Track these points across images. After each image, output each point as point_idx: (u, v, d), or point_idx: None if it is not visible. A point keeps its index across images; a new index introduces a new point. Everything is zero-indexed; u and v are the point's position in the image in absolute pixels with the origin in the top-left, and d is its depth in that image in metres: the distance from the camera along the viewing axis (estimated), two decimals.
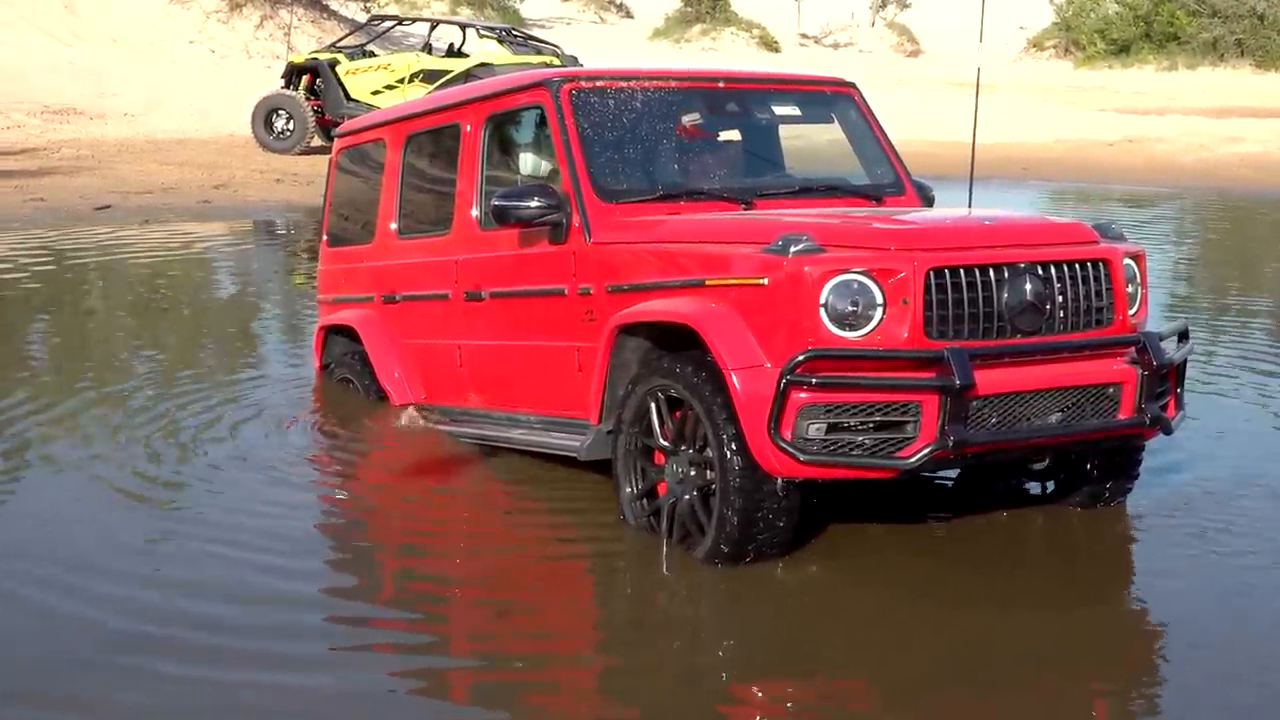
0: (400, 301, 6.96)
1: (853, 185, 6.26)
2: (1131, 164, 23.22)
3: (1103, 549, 5.50)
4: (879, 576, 5.13)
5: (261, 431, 7.03)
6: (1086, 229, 5.25)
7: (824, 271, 4.69)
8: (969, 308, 4.79)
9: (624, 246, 5.51)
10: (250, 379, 8.29)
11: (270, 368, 8.70)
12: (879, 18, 65.73)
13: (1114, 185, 20.93)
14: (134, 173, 17.83)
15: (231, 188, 17.32)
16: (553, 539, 5.55)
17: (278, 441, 6.86)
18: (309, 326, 9.23)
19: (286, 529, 5.64)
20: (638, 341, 5.41)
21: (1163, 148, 24.92)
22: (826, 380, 4.65)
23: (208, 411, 7.38)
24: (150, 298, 11.24)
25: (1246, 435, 7.01)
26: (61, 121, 21.51)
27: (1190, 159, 23.66)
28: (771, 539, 4.96)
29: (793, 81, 6.62)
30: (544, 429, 6.03)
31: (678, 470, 5.16)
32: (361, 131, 7.61)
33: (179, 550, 5.38)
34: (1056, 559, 5.41)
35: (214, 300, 11.58)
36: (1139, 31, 51.58)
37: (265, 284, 12.37)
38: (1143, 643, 4.71)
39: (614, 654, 4.62)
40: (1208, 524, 5.63)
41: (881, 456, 4.72)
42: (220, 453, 6.63)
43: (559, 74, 6.04)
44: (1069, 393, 4.96)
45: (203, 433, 6.96)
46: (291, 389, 7.96)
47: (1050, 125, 26.33)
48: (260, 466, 6.44)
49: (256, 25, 32.74)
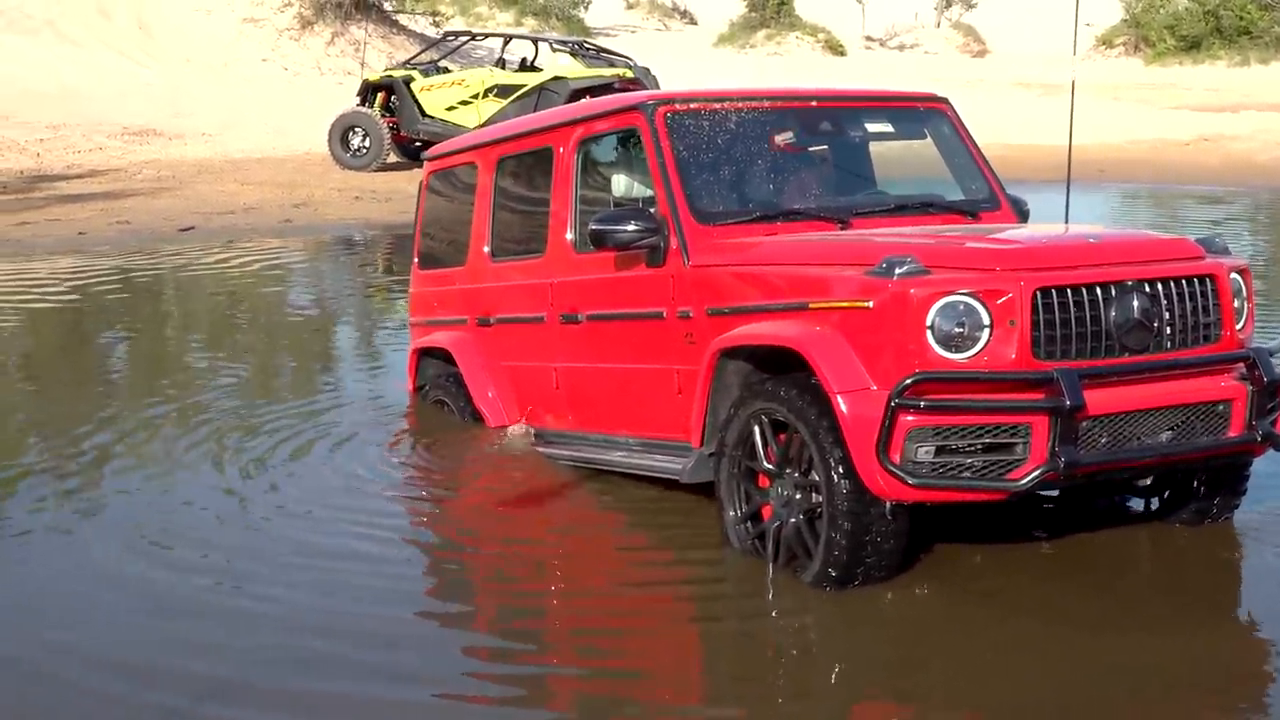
0: (494, 324, 6.99)
1: (948, 201, 6.22)
2: (1208, 164, 22.95)
3: (1213, 567, 5.42)
4: (988, 599, 5.07)
5: (362, 454, 7.07)
6: (1192, 244, 5.18)
7: (930, 293, 4.67)
8: (1076, 327, 4.75)
9: (723, 269, 5.50)
10: (338, 402, 8.35)
11: (371, 387, 8.74)
12: (944, 18, 65.45)
13: (1191, 186, 20.69)
14: (214, 193, 18.04)
15: (311, 206, 17.47)
16: (658, 562, 5.56)
17: (378, 465, 6.91)
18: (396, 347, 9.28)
19: (386, 555, 5.66)
20: (739, 364, 5.41)
21: (1239, 146, 24.64)
22: (935, 403, 4.63)
23: (312, 432, 7.49)
24: (236, 317, 11.37)
25: None
26: (141, 142, 21.79)
27: (1268, 157, 23.35)
28: (880, 562, 4.94)
29: (886, 98, 6.59)
30: (644, 451, 6.03)
31: (783, 493, 5.15)
32: (452, 154, 7.65)
33: (269, 583, 5.37)
34: (1166, 578, 5.35)
35: (304, 321, 11.65)
36: (1209, 26, 50.98)
37: (346, 304, 12.44)
38: (1262, 663, 4.64)
39: (722, 680, 4.60)
40: None
41: (991, 479, 4.69)
42: (317, 476, 6.70)
43: (653, 97, 6.04)
44: (1179, 411, 4.92)
45: (300, 454, 7.03)
46: (380, 411, 8.01)
47: (1123, 125, 26.09)
48: (360, 490, 6.49)
49: (328, 42, 33.09)
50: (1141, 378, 4.86)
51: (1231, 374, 5.03)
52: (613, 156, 6.44)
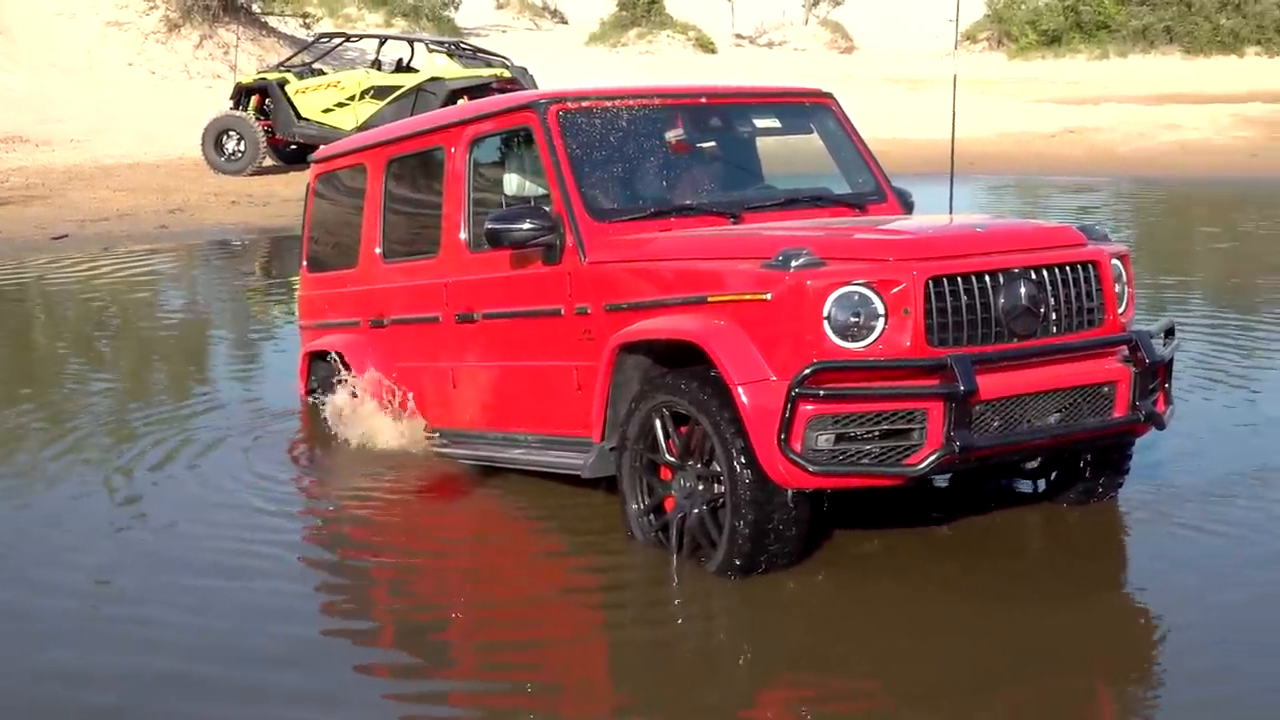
0: (388, 325, 6.97)
1: (835, 195, 6.33)
2: (1073, 155, 23.47)
3: (1100, 543, 5.59)
4: (886, 579, 5.19)
5: (246, 460, 6.99)
6: (1075, 232, 5.34)
7: (826, 285, 4.75)
8: (968, 314, 4.87)
9: (620, 265, 5.55)
10: (217, 407, 8.22)
11: (254, 392, 8.65)
12: (812, 16, 66.05)
13: (1058, 177, 21.13)
14: (87, 200, 17.68)
15: (187, 211, 17.21)
16: (560, 558, 5.60)
17: (263, 471, 6.80)
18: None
19: (277, 569, 5.55)
20: (638, 359, 5.46)
21: (1102, 137, 25.21)
22: (833, 392, 4.72)
23: (190, 438, 7.38)
24: (111, 325, 11.17)
25: (1229, 426, 7.12)
26: (7, 149, 21.27)
27: (1130, 148, 23.94)
28: (783, 549, 5.02)
29: (773, 95, 6.69)
30: (544, 448, 6.05)
31: (685, 485, 5.21)
32: (340, 157, 7.61)
33: (151, 592, 5.26)
34: (1055, 554, 5.51)
35: (182, 327, 11.48)
36: (1069, 21, 52.13)
37: (226, 309, 12.28)
38: (1148, 631, 4.82)
39: (630, 674, 4.63)
40: (1197, 515, 5.74)
41: (889, 464, 4.79)
42: (196, 485, 6.60)
43: (545, 95, 6.07)
44: (1067, 393, 5.06)
45: (176, 462, 6.93)
46: (265, 416, 7.92)
47: (990, 119, 26.52)
48: (245, 499, 6.39)
49: (196, 45, 32.51)
50: (1030, 362, 4.99)
51: (1115, 357, 5.19)
52: (505, 155, 6.46)
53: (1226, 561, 5.27)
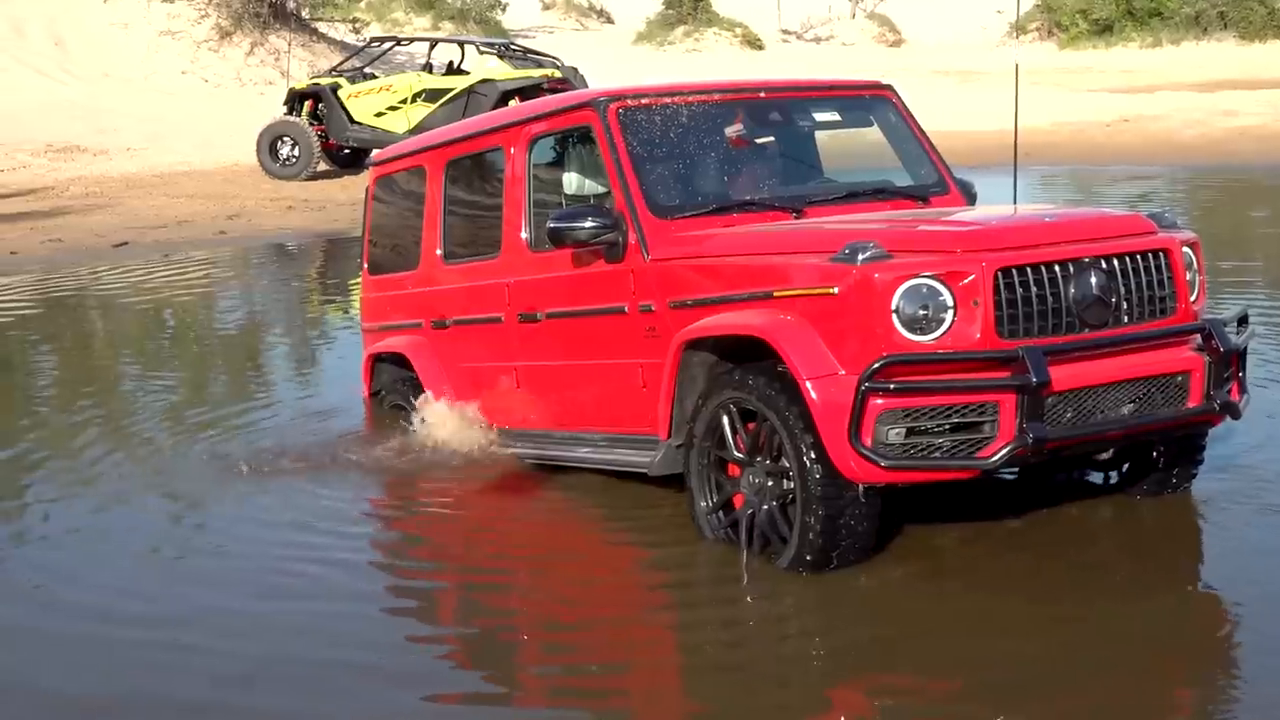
0: (451, 326, 6.97)
1: (898, 187, 6.29)
2: (1130, 144, 23.24)
3: (1174, 535, 5.52)
4: (959, 575, 5.16)
5: (306, 462, 7.01)
6: (1145, 220, 5.27)
7: (894, 277, 4.72)
8: (1038, 305, 4.82)
9: (683, 262, 5.53)
10: (292, 411, 8.29)
11: (323, 396, 8.68)
12: (859, 9, 65.75)
13: (1115, 166, 20.94)
14: (146, 207, 17.85)
15: (245, 217, 17.34)
16: (631, 555, 5.59)
17: (326, 473, 6.83)
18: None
19: (352, 564, 5.60)
20: (703, 355, 5.44)
21: (1159, 126, 24.95)
22: (903, 385, 4.69)
23: (261, 436, 7.46)
24: (180, 331, 11.26)
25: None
26: (66, 160, 21.49)
27: (1188, 135, 23.68)
28: (854, 544, 5.00)
29: (833, 87, 6.64)
30: (610, 446, 6.04)
31: (754, 481, 5.19)
32: (398, 159, 7.61)
33: (226, 606, 5.20)
34: (1130, 548, 5.43)
35: (246, 332, 11.57)
36: (1121, 9, 51.62)
37: (287, 313, 12.35)
38: (1225, 626, 4.75)
39: (703, 670, 4.60)
40: (1274, 504, 5.67)
41: (961, 458, 4.75)
42: (260, 491, 6.61)
43: (605, 93, 6.06)
44: (1139, 384, 5.00)
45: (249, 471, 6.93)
46: (331, 420, 7.95)
47: (1043, 109, 26.26)
48: (307, 502, 6.42)
49: (247, 53, 32.75)
50: (1102, 353, 4.93)
51: (1188, 346, 5.12)
52: (564, 155, 6.45)
53: None
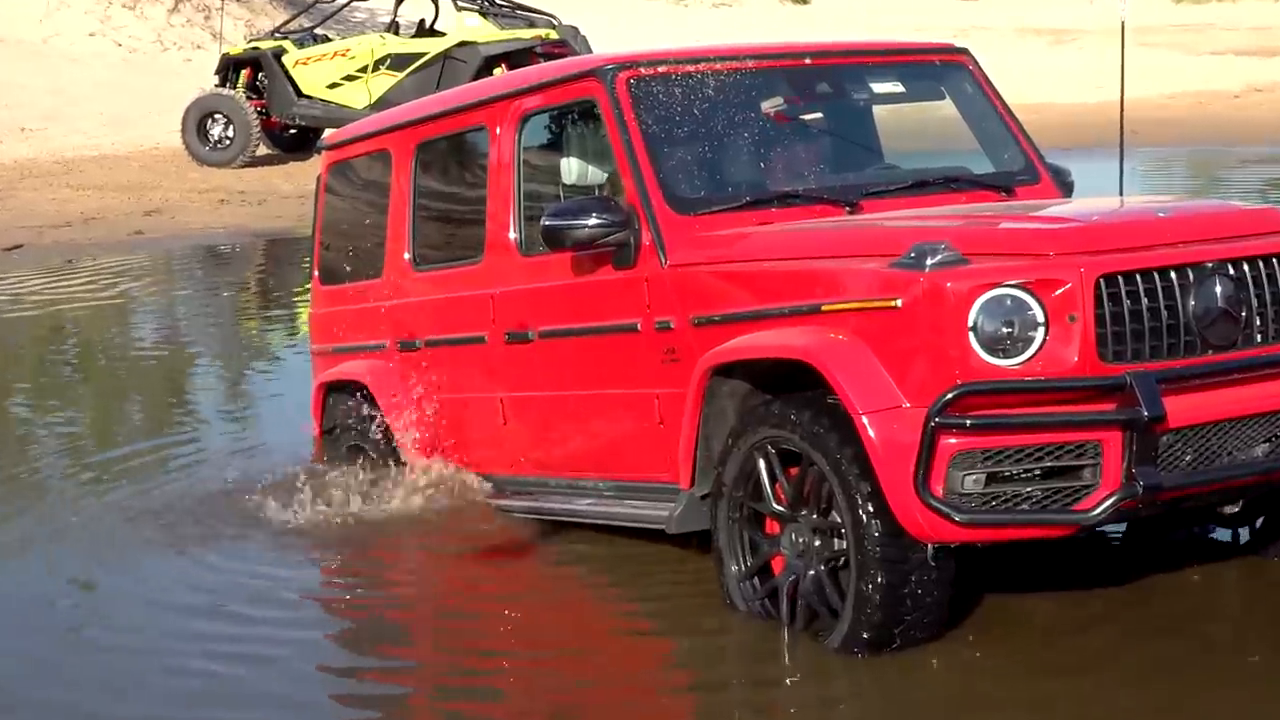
0: (422, 348, 7.01)
1: (976, 176, 6.33)
2: (1265, 119, 23.30)
3: None
4: (1050, 654, 5.16)
5: (242, 524, 7.06)
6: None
7: (971, 287, 4.73)
8: (1150, 321, 4.83)
9: (710, 268, 5.56)
10: (223, 454, 8.32)
11: (257, 436, 8.72)
12: None
13: (1246, 147, 20.99)
14: (44, 201, 17.95)
15: (167, 213, 17.44)
16: (646, 635, 5.60)
17: (267, 538, 6.86)
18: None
19: (277, 662, 5.55)
20: (735, 384, 5.46)
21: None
22: (982, 421, 4.69)
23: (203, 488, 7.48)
24: (77, 357, 11.30)
25: None
26: None
27: None
28: (922, 618, 5.00)
29: (895, 51, 6.70)
30: (618, 497, 6.08)
31: (798, 540, 5.20)
32: (356, 142, 7.68)
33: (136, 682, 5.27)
34: (1264, 622, 5.42)
35: (165, 358, 11.60)
36: None
37: (217, 333, 12.41)
38: None
39: None
40: None
41: (1055, 510, 4.75)
42: (181, 566, 6.62)
43: (612, 60, 6.11)
44: (1276, 418, 5.00)
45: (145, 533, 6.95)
46: (272, 464, 7.98)
47: (1156, 77, 26.41)
48: (243, 578, 6.43)
49: (170, 10, 33.03)
50: (1230, 380, 4.94)
51: None
52: (562, 136, 6.50)
53: None
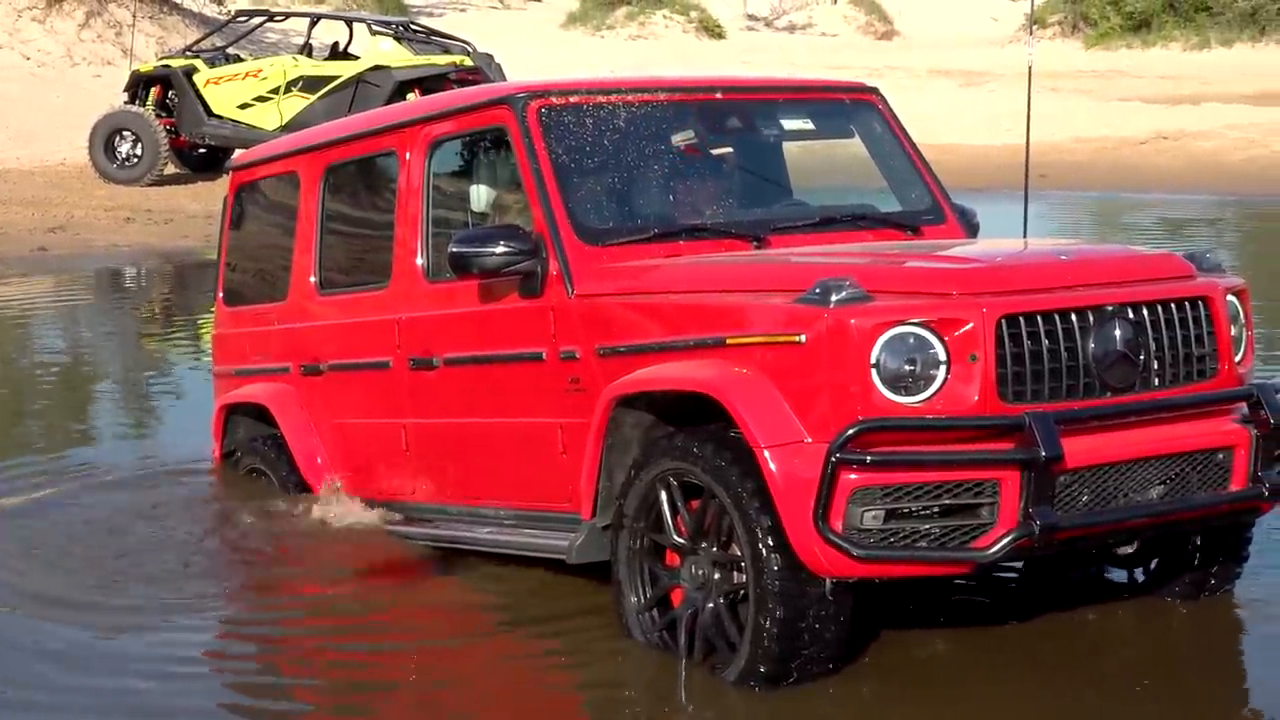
0: (325, 372, 7.00)
1: (883, 214, 6.37)
2: (1170, 166, 23.57)
3: (1211, 648, 5.60)
4: (945, 693, 5.19)
5: (158, 535, 7.00)
6: (1181, 261, 5.37)
7: (875, 324, 4.76)
8: (1050, 362, 4.88)
9: (616, 299, 5.58)
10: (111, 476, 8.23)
11: (155, 457, 8.65)
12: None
13: (1150, 193, 21.25)
14: None
15: (72, 230, 17.30)
16: (541, 666, 5.57)
17: (160, 561, 6.78)
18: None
19: (188, 680, 5.55)
20: (639, 415, 5.47)
21: (1204, 145, 25.30)
22: (883, 457, 4.71)
23: None
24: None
25: None
26: None
27: (1239, 158, 24.04)
28: (819, 653, 5.01)
29: (805, 88, 6.75)
30: (520, 526, 6.07)
31: (697, 573, 5.20)
32: (266, 163, 7.65)
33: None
34: (1158, 663, 5.48)
35: (61, 378, 11.49)
36: (1161, 2, 52.56)
37: (117, 354, 12.30)
38: None
39: None
40: None
41: (952, 548, 4.78)
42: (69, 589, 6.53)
43: (524, 88, 6.11)
44: (1171, 461, 5.06)
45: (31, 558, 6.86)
46: (171, 486, 7.90)
47: (1065, 121, 26.63)
48: (154, 582, 6.39)
49: (81, 25, 32.73)
50: (1127, 422, 4.99)
51: (1232, 416, 5.19)
52: (472, 163, 6.51)
53: None
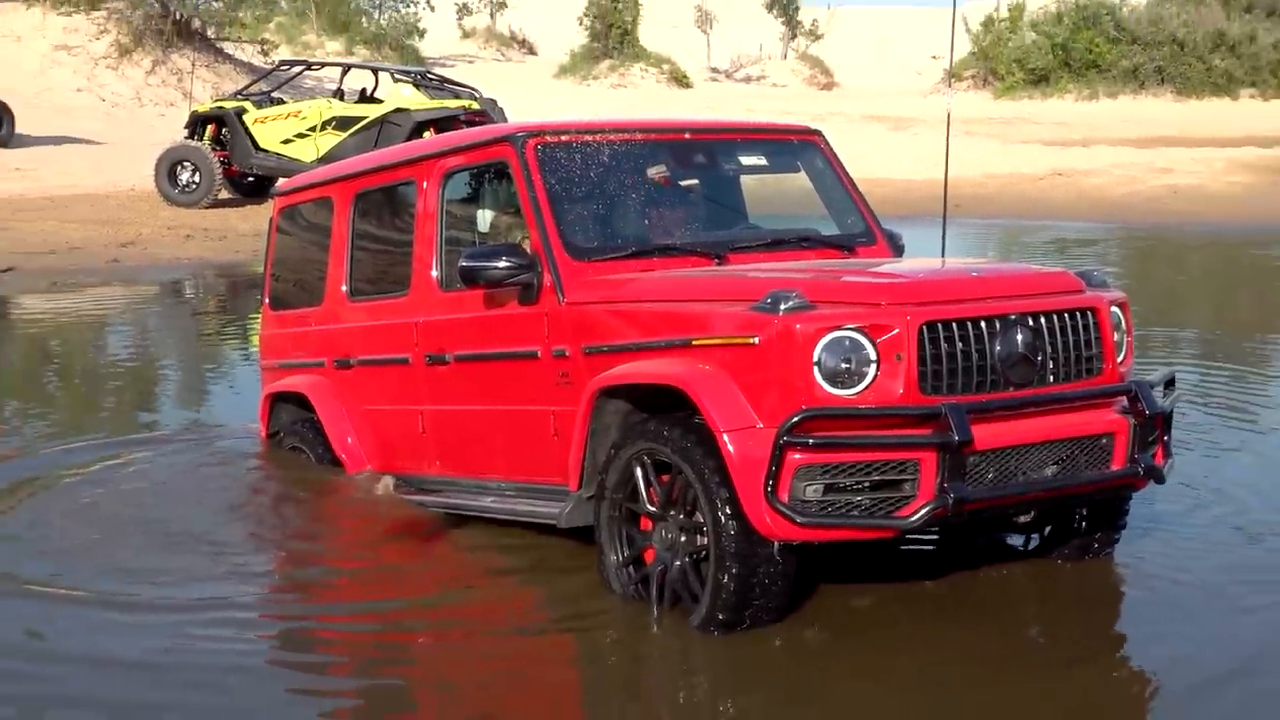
0: (355, 366, 6.97)
1: (824, 236, 6.37)
2: (1063, 198, 23.63)
3: (1095, 601, 5.60)
4: (875, 639, 5.20)
5: (212, 500, 6.98)
6: (1073, 278, 5.39)
7: (817, 329, 4.78)
8: (963, 361, 4.91)
9: (599, 306, 5.57)
10: (178, 449, 8.20)
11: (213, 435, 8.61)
12: (790, 50, 66.41)
13: (1046, 220, 21.28)
14: (35, 232, 17.60)
15: (140, 245, 17.18)
16: (536, 611, 5.57)
17: (222, 519, 6.76)
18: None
19: (237, 605, 5.56)
20: (618, 404, 5.46)
21: (1093, 181, 25.40)
22: (822, 440, 4.73)
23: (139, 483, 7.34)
24: (57, 364, 11.12)
25: (1227, 479, 7.14)
26: None
27: (1122, 192, 24.13)
28: (767, 604, 5.03)
29: (759, 130, 6.74)
30: (518, 496, 6.05)
31: (666, 536, 5.21)
32: (304, 190, 7.61)
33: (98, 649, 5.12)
34: (1049, 613, 5.52)
35: (133, 368, 11.44)
36: (1058, 60, 52.61)
37: (181, 348, 12.25)
38: (1145, 696, 4.83)
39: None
40: (1195, 571, 5.78)
41: (880, 516, 4.80)
42: (162, 528, 6.56)
43: (523, 128, 6.11)
44: (1063, 445, 5.09)
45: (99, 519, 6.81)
46: (223, 462, 7.87)
47: (976, 160, 26.69)
48: (207, 540, 6.36)
49: (148, 72, 32.68)
50: (1026, 412, 5.02)
51: (1114, 408, 5.23)
52: (479, 191, 6.49)
53: (1226, 619, 5.32)
